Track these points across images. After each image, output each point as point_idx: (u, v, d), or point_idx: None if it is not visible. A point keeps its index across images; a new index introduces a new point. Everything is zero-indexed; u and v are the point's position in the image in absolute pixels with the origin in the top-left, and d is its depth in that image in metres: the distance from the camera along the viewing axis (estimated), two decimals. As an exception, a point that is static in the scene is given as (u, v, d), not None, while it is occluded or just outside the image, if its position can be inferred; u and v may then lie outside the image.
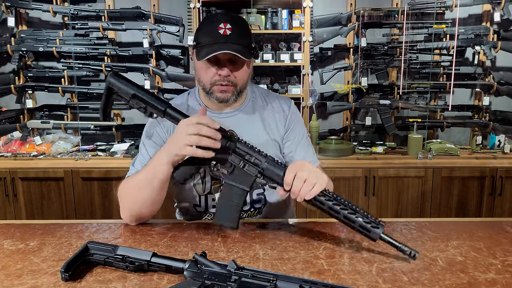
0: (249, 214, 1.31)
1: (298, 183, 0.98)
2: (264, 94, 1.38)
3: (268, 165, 1.02)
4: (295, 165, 1.02)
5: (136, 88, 1.09)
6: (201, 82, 1.22)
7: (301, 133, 1.35)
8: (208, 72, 1.18)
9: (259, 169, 1.03)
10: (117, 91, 1.10)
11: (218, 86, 1.18)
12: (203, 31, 1.17)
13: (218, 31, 1.13)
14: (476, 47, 2.80)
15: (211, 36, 1.14)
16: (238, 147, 1.04)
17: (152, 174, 1.08)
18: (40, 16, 2.98)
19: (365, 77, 2.93)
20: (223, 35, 1.13)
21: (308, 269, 0.91)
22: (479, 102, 3.00)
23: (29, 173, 2.59)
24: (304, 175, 0.99)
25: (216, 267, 0.83)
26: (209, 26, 1.16)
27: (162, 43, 2.87)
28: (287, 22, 2.80)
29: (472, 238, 1.07)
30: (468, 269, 0.90)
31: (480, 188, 2.63)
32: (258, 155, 1.04)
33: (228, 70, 1.17)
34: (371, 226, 0.95)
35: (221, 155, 1.04)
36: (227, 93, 1.20)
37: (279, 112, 1.34)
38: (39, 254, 0.98)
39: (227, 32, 1.14)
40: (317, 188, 0.98)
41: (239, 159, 1.04)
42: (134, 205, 1.13)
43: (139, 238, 1.08)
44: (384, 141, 3.06)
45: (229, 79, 1.18)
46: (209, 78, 1.19)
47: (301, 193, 0.98)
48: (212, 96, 1.21)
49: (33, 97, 3.02)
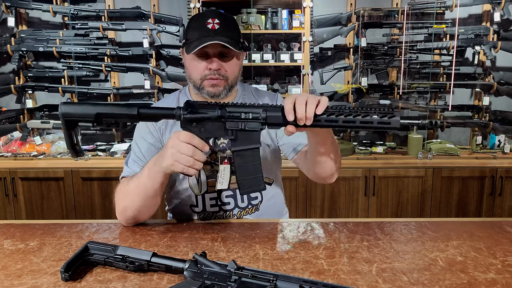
0: (247, 211, 1.32)
1: (301, 107, 0.93)
2: (254, 92, 1.39)
3: (267, 113, 0.98)
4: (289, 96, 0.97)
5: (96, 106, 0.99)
6: (192, 78, 1.22)
7: None
8: (198, 66, 1.18)
9: (261, 120, 0.98)
10: (77, 119, 1.00)
11: (208, 80, 1.18)
12: (192, 27, 1.18)
13: (207, 26, 1.15)
14: (476, 47, 2.80)
15: (199, 30, 1.15)
16: (231, 111, 0.99)
17: (145, 182, 1.08)
18: (40, 16, 2.98)
19: (365, 77, 2.93)
20: (211, 29, 1.14)
21: (308, 269, 0.91)
22: (479, 102, 3.00)
23: (29, 173, 2.59)
24: (303, 98, 0.94)
25: (216, 267, 0.83)
26: (197, 22, 1.17)
27: (162, 43, 2.87)
28: (287, 22, 2.80)
29: (472, 238, 1.07)
30: (468, 269, 0.90)
31: (480, 188, 2.63)
32: (253, 108, 0.99)
33: (218, 63, 1.17)
34: (388, 118, 0.92)
35: (218, 128, 1.00)
36: (218, 87, 1.19)
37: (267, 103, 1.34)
38: (39, 254, 0.98)
39: (216, 27, 1.15)
40: (324, 102, 0.94)
41: (236, 122, 0.99)
42: (129, 209, 1.13)
43: (139, 238, 1.08)
44: (384, 141, 3.06)
45: (220, 73, 1.18)
46: (199, 73, 1.19)
47: (308, 113, 0.93)
48: (203, 91, 1.20)
49: (33, 97, 3.02)
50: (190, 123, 0.99)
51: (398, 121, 0.92)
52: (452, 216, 2.64)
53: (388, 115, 0.92)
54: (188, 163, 0.98)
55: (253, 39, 2.81)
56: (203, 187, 1.28)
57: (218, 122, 0.99)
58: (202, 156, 0.99)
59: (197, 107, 0.99)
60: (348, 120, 0.93)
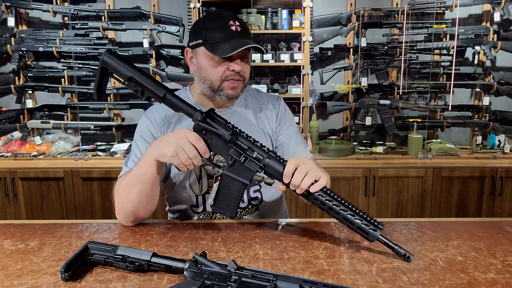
0: (247, 211, 1.32)
1: (299, 176, 0.98)
2: (255, 93, 1.40)
3: (269, 161, 1.02)
4: (295, 159, 1.02)
5: (134, 70, 1.04)
6: (210, 79, 1.19)
7: (292, 126, 1.38)
8: (219, 68, 1.17)
9: (260, 164, 1.02)
10: (112, 71, 1.05)
11: (229, 81, 1.18)
12: (211, 28, 1.16)
13: (230, 28, 1.14)
14: (476, 47, 2.80)
15: (223, 32, 1.14)
16: (240, 141, 1.03)
17: (143, 169, 1.09)
18: (40, 16, 2.98)
19: (365, 77, 2.93)
20: (235, 32, 1.15)
21: (308, 269, 0.91)
22: (479, 102, 3.00)
23: (29, 173, 2.59)
24: (305, 168, 0.99)
25: (216, 267, 0.83)
26: (217, 23, 1.16)
27: (162, 43, 2.87)
28: (287, 22, 2.80)
29: (472, 238, 1.07)
30: (468, 269, 0.90)
31: (480, 188, 2.63)
32: (260, 150, 1.03)
33: (242, 64, 1.18)
34: (369, 229, 0.96)
35: (222, 147, 1.03)
36: (237, 90, 1.20)
37: (270, 109, 1.36)
38: (39, 254, 0.98)
39: (238, 29, 1.15)
40: (321, 182, 0.98)
41: (240, 153, 1.03)
42: (127, 203, 1.13)
43: (139, 238, 1.08)
44: (384, 141, 3.06)
45: (240, 74, 1.19)
46: (220, 74, 1.18)
47: (302, 185, 0.98)
48: (222, 93, 1.20)
49: (33, 97, 3.02)
50: (202, 130, 1.04)
51: (376, 237, 0.96)
52: (452, 216, 2.64)
53: (370, 227, 0.96)
54: (186, 161, 1.02)
55: (253, 39, 2.80)
56: (203, 188, 1.28)
57: (225, 144, 1.03)
58: (200, 160, 1.03)
59: (215, 120, 1.04)
60: (334, 210, 0.98)
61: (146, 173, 1.09)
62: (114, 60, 1.04)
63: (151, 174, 1.09)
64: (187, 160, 1.01)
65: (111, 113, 3.06)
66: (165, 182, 1.32)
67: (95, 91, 1.09)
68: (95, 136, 3.06)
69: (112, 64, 1.04)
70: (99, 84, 1.08)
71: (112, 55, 1.04)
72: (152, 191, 1.12)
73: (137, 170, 1.11)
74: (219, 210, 1.07)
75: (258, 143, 1.04)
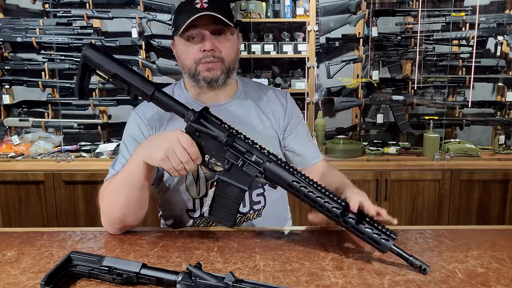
0: (249, 217, 1.31)
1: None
2: (257, 86, 1.40)
3: (270, 165, 1.02)
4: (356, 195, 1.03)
5: (118, 67, 1.04)
6: (185, 65, 1.22)
7: (302, 125, 1.39)
8: (190, 50, 1.19)
9: (260, 169, 1.02)
10: (95, 68, 1.05)
11: (203, 64, 1.19)
12: (179, 12, 1.21)
13: (195, 6, 1.16)
14: (499, 37, 2.81)
15: (187, 12, 1.16)
16: (237, 143, 1.03)
17: (131, 170, 1.09)
18: (18, 3, 2.98)
19: (376, 70, 2.93)
20: (200, 8, 1.15)
21: (314, 282, 0.91)
22: (501, 98, 3.00)
23: (6, 176, 2.59)
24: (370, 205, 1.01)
25: (212, 280, 0.83)
26: (184, 5, 1.20)
27: (152, 33, 2.87)
28: (290, 9, 2.80)
29: (494, 247, 1.07)
30: (490, 282, 0.90)
31: (503, 193, 2.63)
32: (259, 153, 1.03)
33: (212, 42, 1.18)
34: (381, 238, 0.96)
35: (218, 150, 1.03)
36: (214, 71, 1.20)
37: (276, 103, 1.36)
38: (17, 266, 0.98)
39: (204, 5, 1.16)
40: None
41: (237, 156, 1.03)
42: (114, 209, 1.13)
43: (127, 247, 1.08)
44: (397, 140, 3.06)
45: (215, 54, 1.19)
46: (193, 57, 1.19)
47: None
48: (199, 77, 1.21)
49: (10, 93, 3.02)
50: (195, 132, 1.03)
51: (388, 247, 0.97)
52: (472, 223, 2.64)
53: (382, 236, 0.97)
54: (177, 166, 1.01)
55: (252, 28, 2.81)
56: (201, 190, 1.28)
57: (221, 146, 1.03)
58: (193, 166, 1.02)
59: (209, 121, 1.03)
60: (344, 220, 0.99)
61: (134, 175, 1.08)
62: (96, 55, 1.04)
63: (139, 177, 1.08)
64: (178, 165, 1.00)
65: (97, 110, 3.06)
66: (158, 186, 1.32)
67: (76, 90, 1.09)
68: (78, 135, 3.05)
69: (94, 60, 1.04)
70: (81, 82, 1.08)
71: (94, 50, 1.05)
72: (141, 195, 1.12)
73: (124, 173, 1.11)
74: (216, 218, 1.07)
75: (257, 145, 1.04)
